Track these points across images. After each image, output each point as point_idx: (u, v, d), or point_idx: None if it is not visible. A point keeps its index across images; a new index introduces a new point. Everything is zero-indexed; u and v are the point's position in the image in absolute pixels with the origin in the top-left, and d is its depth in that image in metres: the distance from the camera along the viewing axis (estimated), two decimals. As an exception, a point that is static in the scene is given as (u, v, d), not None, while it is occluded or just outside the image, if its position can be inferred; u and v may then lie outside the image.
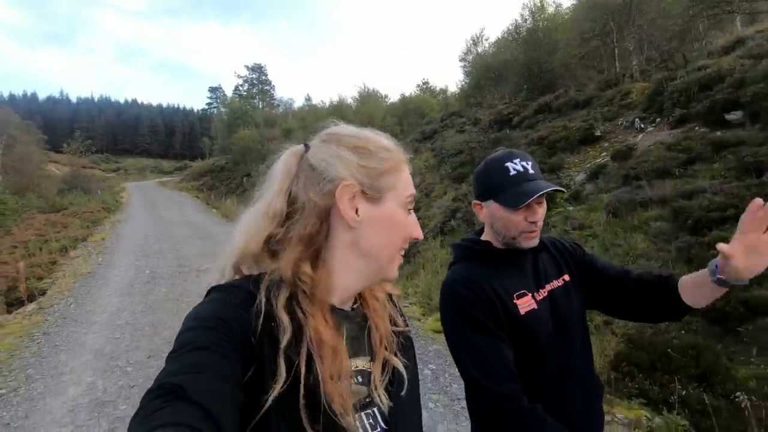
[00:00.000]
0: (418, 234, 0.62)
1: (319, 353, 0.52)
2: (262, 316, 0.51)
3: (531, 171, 0.98)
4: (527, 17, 15.20)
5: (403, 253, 0.62)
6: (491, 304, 0.94)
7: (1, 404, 2.95)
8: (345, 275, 0.59)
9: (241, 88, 47.79)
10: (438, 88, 32.32)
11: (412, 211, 0.62)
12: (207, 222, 12.62)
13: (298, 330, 0.52)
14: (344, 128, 0.63)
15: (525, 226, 0.97)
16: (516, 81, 14.88)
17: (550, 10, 14.78)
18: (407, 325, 0.70)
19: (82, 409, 2.85)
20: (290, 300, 0.54)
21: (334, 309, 0.58)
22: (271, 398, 0.48)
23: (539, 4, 14.74)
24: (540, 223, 0.98)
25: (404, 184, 0.61)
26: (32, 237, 9.32)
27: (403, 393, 0.62)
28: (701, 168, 5.47)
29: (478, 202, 1.05)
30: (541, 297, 1.00)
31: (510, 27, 16.12)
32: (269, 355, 0.50)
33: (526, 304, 0.97)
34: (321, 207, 0.57)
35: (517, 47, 15.06)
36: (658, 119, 7.51)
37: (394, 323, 0.67)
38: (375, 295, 0.67)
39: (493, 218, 1.01)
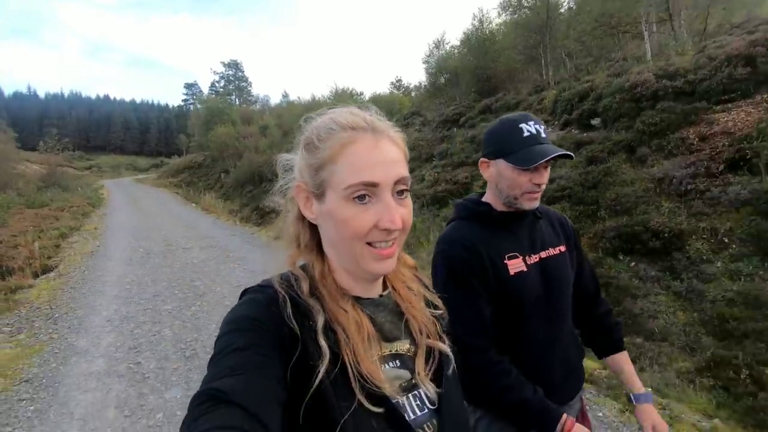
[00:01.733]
0: (375, 225, 0.54)
1: (344, 337, 0.54)
2: (289, 304, 0.54)
3: (543, 135, 1.00)
4: (477, 26, 17.06)
5: (383, 245, 0.56)
6: (483, 267, 0.99)
7: (62, 320, 4.54)
8: (340, 266, 0.60)
9: (217, 84, 48.21)
10: (412, 85, 33.88)
11: (369, 197, 0.54)
12: (189, 214, 13.97)
13: (326, 314, 0.56)
14: (315, 120, 0.60)
15: (529, 187, 1.00)
16: (467, 84, 16.72)
17: (498, 20, 16.70)
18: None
19: (115, 319, 4.47)
20: (311, 289, 0.58)
21: (358, 299, 0.60)
22: (321, 373, 0.50)
23: (486, 15, 16.63)
24: (543, 186, 1.02)
25: (342, 174, 0.54)
26: (30, 227, 10.52)
27: (450, 372, 0.64)
28: (566, 161, 7.37)
29: (486, 159, 1.07)
30: (533, 261, 1.04)
31: (463, 34, 17.96)
32: (309, 337, 0.52)
33: (516, 265, 1.01)
34: (295, 209, 0.62)
35: (468, 53, 16.88)
36: (556, 122, 9.44)
37: (434, 306, 0.69)
38: (407, 285, 0.67)
39: (499, 177, 1.04)
